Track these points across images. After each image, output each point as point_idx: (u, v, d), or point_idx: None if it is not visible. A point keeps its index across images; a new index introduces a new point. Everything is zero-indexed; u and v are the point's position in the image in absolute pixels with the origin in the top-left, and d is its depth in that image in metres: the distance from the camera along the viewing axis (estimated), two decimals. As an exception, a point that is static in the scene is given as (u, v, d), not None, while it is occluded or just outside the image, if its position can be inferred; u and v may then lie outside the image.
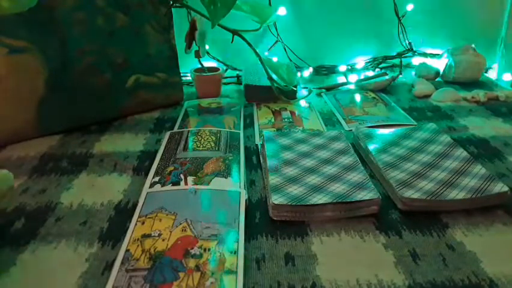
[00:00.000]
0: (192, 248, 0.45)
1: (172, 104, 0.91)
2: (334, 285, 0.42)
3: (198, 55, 0.89)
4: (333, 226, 0.51)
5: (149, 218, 0.50)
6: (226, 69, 1.08)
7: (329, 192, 0.54)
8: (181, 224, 0.48)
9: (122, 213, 0.54)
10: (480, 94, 0.93)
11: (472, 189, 0.54)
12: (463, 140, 0.73)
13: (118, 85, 0.81)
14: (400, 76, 1.07)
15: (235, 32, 0.83)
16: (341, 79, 1.08)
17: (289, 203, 0.51)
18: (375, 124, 0.79)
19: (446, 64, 1.05)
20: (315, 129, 0.77)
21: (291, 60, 1.11)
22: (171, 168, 0.61)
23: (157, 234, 0.47)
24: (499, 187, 0.54)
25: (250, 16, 0.85)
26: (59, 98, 0.74)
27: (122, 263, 0.43)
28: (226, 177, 0.58)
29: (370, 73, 1.10)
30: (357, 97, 0.95)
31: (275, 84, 0.86)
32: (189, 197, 0.54)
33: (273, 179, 0.57)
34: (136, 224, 0.49)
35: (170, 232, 0.47)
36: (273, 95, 0.88)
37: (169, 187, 0.56)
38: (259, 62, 0.85)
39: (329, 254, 0.47)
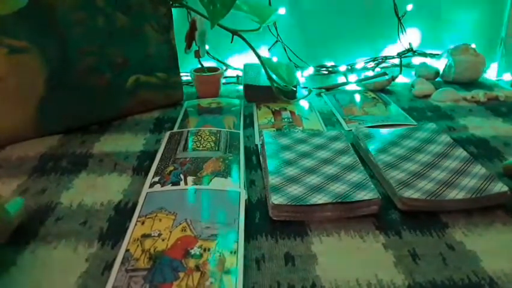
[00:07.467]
0: (192, 248, 0.45)
1: (172, 104, 0.91)
2: (334, 285, 0.42)
3: (197, 55, 0.89)
4: (333, 226, 0.51)
5: (149, 218, 0.50)
6: (226, 69, 1.08)
7: (329, 192, 0.54)
8: (180, 224, 0.48)
9: (122, 213, 0.54)
10: (480, 94, 0.93)
11: (472, 189, 0.54)
12: (462, 140, 0.73)
13: (118, 85, 0.81)
14: (400, 76, 1.07)
15: (235, 32, 0.83)
16: (341, 79, 1.08)
17: (289, 203, 0.51)
18: (375, 124, 0.79)
19: (446, 64, 1.05)
20: (315, 129, 0.77)
21: (290, 60, 1.11)
22: (171, 168, 0.61)
23: (156, 234, 0.47)
24: (499, 187, 0.54)
25: (250, 16, 0.85)
26: (59, 98, 0.74)
27: (122, 263, 0.43)
28: (226, 177, 0.58)
29: (370, 73, 1.10)
30: (357, 97, 0.95)
31: (275, 84, 0.86)
32: (189, 197, 0.54)
33: (273, 179, 0.57)
34: (135, 224, 0.49)
35: (170, 232, 0.47)
36: (272, 95, 0.88)
37: (168, 187, 0.56)
38: (259, 62, 0.85)
39: (328, 254, 0.47)
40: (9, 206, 0.45)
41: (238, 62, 1.10)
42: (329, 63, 1.15)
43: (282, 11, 1.09)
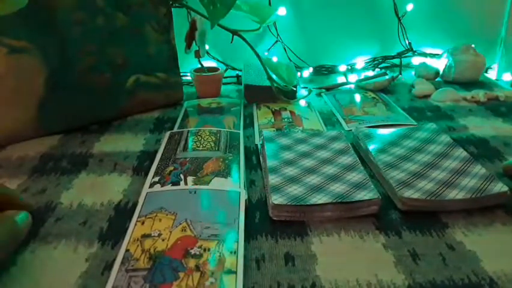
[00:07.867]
0: (192, 248, 0.45)
1: (172, 104, 0.91)
2: (334, 285, 0.42)
3: (197, 55, 0.89)
4: (333, 226, 0.51)
5: (149, 218, 0.50)
6: (226, 69, 1.08)
7: (329, 192, 0.54)
8: (180, 224, 0.48)
9: (122, 213, 0.54)
10: (480, 94, 0.93)
11: (472, 189, 0.54)
12: (462, 140, 0.73)
13: (118, 85, 0.81)
14: (400, 76, 1.07)
15: (235, 32, 0.83)
16: (341, 79, 1.08)
17: (289, 203, 0.51)
18: (375, 124, 0.79)
19: (446, 64, 1.05)
20: (315, 129, 0.77)
21: (290, 60, 1.11)
22: (171, 168, 0.61)
23: (156, 234, 0.47)
24: (499, 187, 0.54)
25: (250, 16, 0.85)
26: (59, 98, 0.74)
27: (122, 263, 0.43)
28: (226, 177, 0.58)
29: (370, 73, 1.10)
30: (357, 97, 0.95)
31: (275, 84, 0.86)
32: (189, 197, 0.54)
33: (273, 179, 0.57)
34: (135, 224, 0.49)
35: (170, 232, 0.47)
36: (272, 95, 0.88)
37: (168, 187, 0.56)
38: (259, 62, 0.85)
39: (328, 254, 0.47)
40: (18, 218, 0.46)
41: (238, 62, 1.09)
42: (329, 63, 1.15)
43: (282, 11, 1.09)
